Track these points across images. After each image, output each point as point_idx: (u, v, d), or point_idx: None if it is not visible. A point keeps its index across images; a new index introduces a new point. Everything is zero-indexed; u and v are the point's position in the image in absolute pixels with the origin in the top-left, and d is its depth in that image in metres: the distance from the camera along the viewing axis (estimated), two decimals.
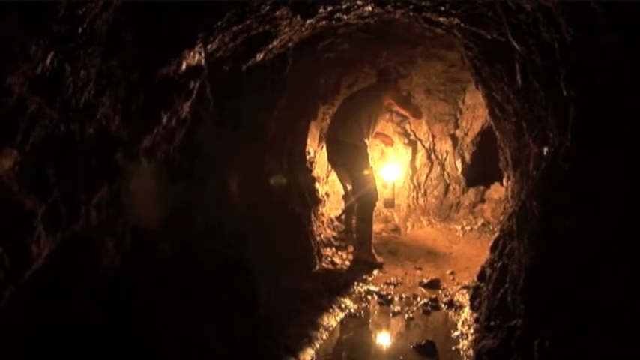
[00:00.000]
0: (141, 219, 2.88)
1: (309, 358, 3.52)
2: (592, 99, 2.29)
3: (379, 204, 7.68)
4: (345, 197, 6.37)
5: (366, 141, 6.08)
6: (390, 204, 7.63)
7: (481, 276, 4.34)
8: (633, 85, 2.08)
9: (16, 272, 1.91)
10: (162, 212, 3.23)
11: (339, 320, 4.34)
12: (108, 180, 2.43)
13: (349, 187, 6.32)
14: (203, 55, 3.13)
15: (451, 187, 8.28)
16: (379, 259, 6.01)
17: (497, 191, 7.56)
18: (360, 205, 6.03)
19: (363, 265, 5.81)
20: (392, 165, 7.77)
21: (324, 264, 5.58)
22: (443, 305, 4.71)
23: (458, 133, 8.05)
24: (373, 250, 6.02)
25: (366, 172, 6.04)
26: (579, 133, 2.40)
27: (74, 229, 2.21)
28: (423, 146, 8.17)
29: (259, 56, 3.88)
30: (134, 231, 2.78)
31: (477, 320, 3.95)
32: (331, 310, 4.46)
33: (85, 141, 2.24)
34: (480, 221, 7.64)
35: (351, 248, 6.16)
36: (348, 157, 6.10)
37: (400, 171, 7.92)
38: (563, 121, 2.52)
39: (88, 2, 1.90)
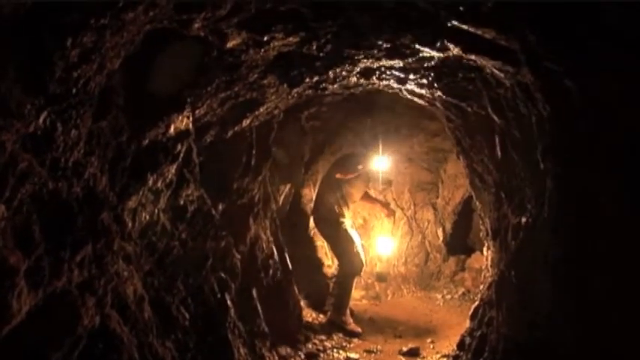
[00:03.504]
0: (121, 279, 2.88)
1: None
2: (568, 171, 2.37)
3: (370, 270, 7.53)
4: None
5: (340, 211, 6.10)
6: (382, 278, 7.53)
7: (461, 345, 4.32)
8: (608, 159, 2.16)
9: None
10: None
11: None
12: (92, 239, 2.43)
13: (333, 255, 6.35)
14: (191, 119, 3.20)
15: (432, 256, 8.29)
16: (356, 327, 5.88)
17: (478, 260, 7.57)
18: (342, 271, 6.05)
19: (340, 331, 5.74)
20: (386, 238, 7.68)
21: (303, 329, 5.52)
22: None
23: (439, 202, 8.13)
24: (350, 319, 5.94)
25: (343, 243, 6.04)
26: (556, 204, 2.46)
27: (56, 286, 2.20)
28: (405, 214, 8.22)
29: (246, 122, 3.96)
30: (115, 291, 2.77)
31: None
32: None
33: (72, 199, 2.26)
34: (461, 290, 7.64)
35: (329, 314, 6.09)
36: (324, 228, 6.27)
37: (394, 245, 7.72)
38: (540, 192, 2.59)
39: (84, 65, 1.96)
